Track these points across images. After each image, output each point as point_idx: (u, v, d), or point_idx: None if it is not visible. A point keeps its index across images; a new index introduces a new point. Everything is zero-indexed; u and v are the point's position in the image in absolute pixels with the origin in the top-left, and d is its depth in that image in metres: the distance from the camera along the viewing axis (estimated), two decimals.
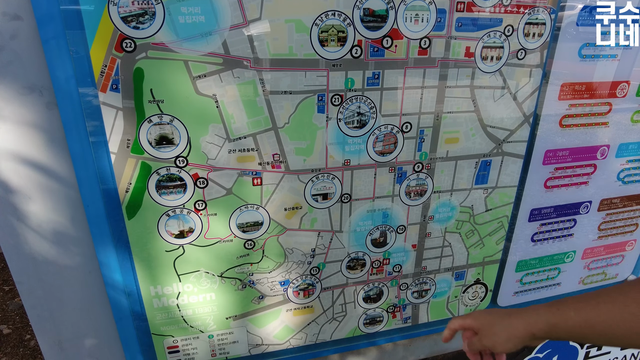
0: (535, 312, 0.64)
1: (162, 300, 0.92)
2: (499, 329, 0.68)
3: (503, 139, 1.00)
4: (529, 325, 0.64)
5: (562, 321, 0.60)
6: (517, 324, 0.65)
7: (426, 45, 0.85)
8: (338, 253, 1.00)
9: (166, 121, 0.77)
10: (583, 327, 0.58)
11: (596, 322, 0.56)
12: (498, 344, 0.68)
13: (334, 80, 0.82)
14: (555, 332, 0.62)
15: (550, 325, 0.62)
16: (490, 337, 0.69)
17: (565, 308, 0.60)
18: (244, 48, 0.76)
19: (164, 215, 0.84)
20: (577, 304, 0.59)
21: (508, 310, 0.70)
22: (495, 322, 0.69)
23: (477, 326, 0.72)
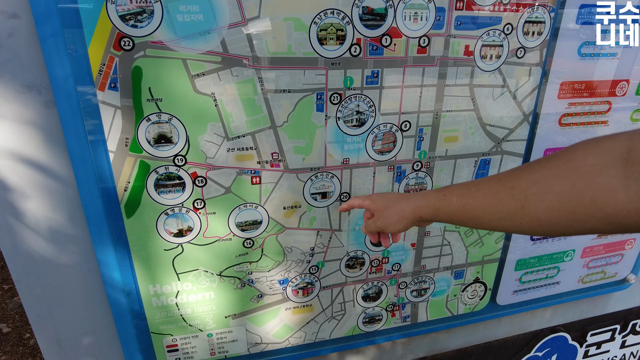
0: (424, 197, 0.70)
1: (161, 299, 0.92)
2: (392, 212, 0.74)
3: (502, 138, 1.00)
4: (417, 209, 0.70)
5: (446, 206, 0.65)
6: (407, 207, 0.71)
7: (425, 43, 0.85)
8: (337, 252, 1.00)
9: (165, 120, 0.77)
10: (462, 211, 0.62)
11: (472, 207, 0.60)
12: (390, 225, 0.75)
13: (333, 78, 0.82)
14: (438, 216, 0.67)
15: (435, 209, 0.67)
16: (383, 219, 0.76)
17: (450, 194, 0.64)
18: (242, 46, 0.75)
19: (163, 214, 0.84)
20: (460, 190, 0.63)
21: (401, 195, 0.76)
22: (389, 205, 0.75)
23: (373, 208, 0.79)
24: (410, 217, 0.71)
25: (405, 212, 0.72)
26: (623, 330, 1.61)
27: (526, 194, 0.52)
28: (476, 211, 0.60)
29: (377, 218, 0.77)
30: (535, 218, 0.52)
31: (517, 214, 0.54)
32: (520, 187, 0.54)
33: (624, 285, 1.41)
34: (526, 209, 0.53)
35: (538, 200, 0.51)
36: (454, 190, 0.64)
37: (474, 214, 0.60)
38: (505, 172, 0.59)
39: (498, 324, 1.36)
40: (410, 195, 0.73)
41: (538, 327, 1.45)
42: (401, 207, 0.72)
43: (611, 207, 0.45)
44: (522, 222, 0.54)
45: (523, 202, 0.53)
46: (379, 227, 0.77)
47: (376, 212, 0.78)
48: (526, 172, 0.54)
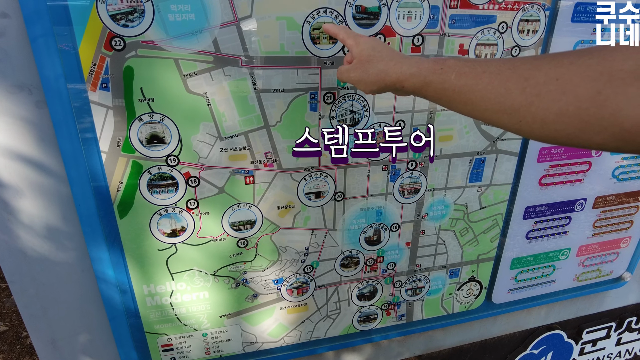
0: (417, 64, 0.58)
1: (155, 299, 0.92)
2: (373, 68, 0.63)
3: (497, 137, 1.00)
4: (403, 77, 0.59)
5: (440, 82, 0.55)
6: (393, 71, 0.60)
7: (419, 42, 0.84)
8: (332, 251, 1.00)
9: (157, 120, 0.76)
10: (456, 92, 0.53)
11: (471, 90, 0.52)
12: (362, 83, 0.65)
13: (326, 78, 0.82)
14: (425, 91, 0.58)
15: (425, 82, 0.57)
16: (360, 72, 0.65)
17: (449, 69, 0.54)
18: (234, 46, 0.75)
19: (156, 214, 0.84)
20: (463, 67, 0.53)
21: (391, 52, 0.64)
22: (373, 59, 0.64)
23: (355, 53, 0.66)
24: (390, 82, 0.61)
25: (388, 75, 0.61)
26: (619, 327, 1.62)
27: (540, 90, 0.45)
28: (474, 96, 0.51)
29: (354, 67, 0.66)
30: (540, 119, 0.45)
31: (520, 110, 0.47)
32: (536, 80, 0.46)
33: (620, 283, 1.42)
34: (534, 107, 0.46)
35: (552, 100, 0.44)
36: (454, 66, 0.54)
37: (469, 97, 0.52)
38: (521, 58, 0.50)
39: (494, 322, 1.36)
40: (401, 57, 0.62)
41: (534, 325, 1.45)
42: (385, 67, 0.61)
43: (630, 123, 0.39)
44: (521, 120, 0.48)
45: (533, 98, 0.46)
46: (351, 79, 0.67)
47: (356, 60, 0.66)
48: (549, 64, 0.45)
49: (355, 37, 0.68)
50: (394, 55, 0.63)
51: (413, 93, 0.60)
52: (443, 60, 0.57)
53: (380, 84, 0.62)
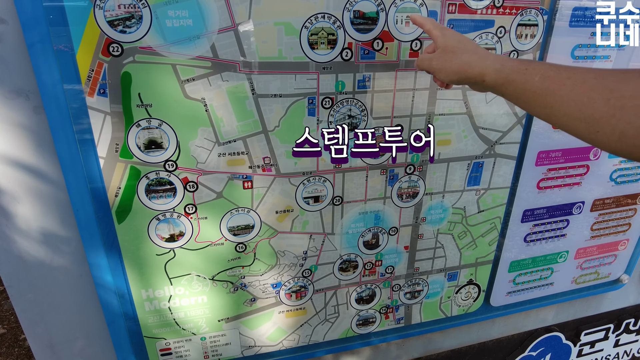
0: (501, 61, 0.60)
1: (153, 303, 0.92)
2: (456, 59, 0.64)
3: (495, 141, 1.00)
4: (487, 71, 0.60)
5: (522, 82, 0.56)
6: (476, 64, 0.62)
7: (417, 47, 0.84)
8: (330, 255, 1.00)
9: (155, 125, 0.76)
10: (537, 94, 0.54)
11: (552, 94, 0.52)
12: (443, 72, 0.66)
13: (325, 83, 0.82)
14: (505, 89, 0.58)
15: (507, 80, 0.58)
16: (442, 61, 0.66)
17: (534, 71, 0.55)
18: (232, 51, 0.75)
19: (154, 219, 0.84)
20: (547, 71, 0.54)
21: (476, 46, 0.66)
22: (458, 50, 0.65)
23: (440, 44, 0.68)
24: (472, 75, 0.62)
25: (471, 67, 0.62)
26: (617, 329, 1.62)
27: (625, 103, 0.44)
28: (554, 100, 0.52)
29: (437, 57, 0.67)
30: (619, 132, 0.45)
31: (600, 121, 0.47)
32: (622, 93, 0.45)
33: (618, 285, 1.42)
34: (615, 120, 0.45)
35: (636, 114, 0.43)
36: (539, 68, 0.55)
37: (549, 101, 0.52)
38: (609, 69, 0.49)
39: (492, 324, 1.36)
40: (485, 52, 0.64)
41: (532, 327, 1.45)
42: (469, 59, 0.63)
43: None
44: (599, 131, 0.47)
45: (616, 111, 0.45)
46: (433, 67, 0.68)
47: (440, 50, 0.67)
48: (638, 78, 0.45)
49: (441, 28, 0.69)
50: (479, 50, 0.64)
51: (492, 89, 0.61)
52: (529, 61, 0.58)
53: (462, 74, 0.64)
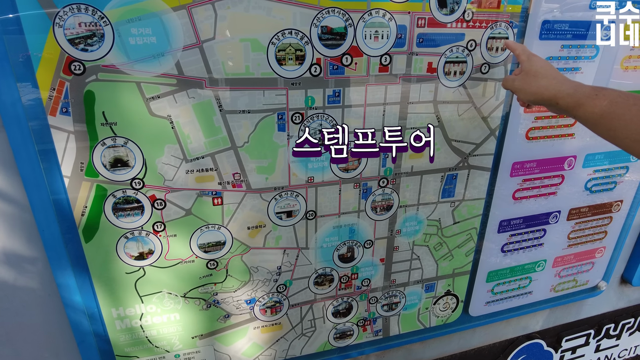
0: (575, 87, 0.67)
1: (124, 322, 0.91)
2: (535, 82, 0.73)
3: (469, 153, 1.00)
4: (560, 94, 0.68)
5: (592, 106, 0.62)
6: (552, 88, 0.69)
7: (387, 62, 0.84)
8: (305, 270, 0.99)
9: (120, 143, 0.75)
10: (604, 118, 0.60)
11: (618, 118, 0.58)
12: (523, 92, 0.75)
13: (294, 98, 0.81)
14: (576, 111, 0.65)
15: (578, 104, 0.64)
16: (523, 83, 0.75)
17: (603, 97, 0.61)
18: (198, 68, 0.74)
19: (123, 237, 0.82)
20: (616, 97, 0.60)
21: (556, 73, 0.73)
22: (539, 75, 0.73)
23: (525, 68, 0.77)
24: (547, 97, 0.70)
25: (548, 90, 0.70)
26: (597, 334, 1.63)
27: None
28: (619, 124, 0.58)
29: (519, 78, 0.77)
30: None
31: None
32: None
33: (596, 292, 1.43)
34: None
35: None
36: (609, 94, 0.61)
37: (614, 124, 0.58)
38: None
39: (473, 333, 1.36)
40: (564, 78, 0.71)
41: (513, 335, 1.46)
42: (547, 83, 0.71)
43: None
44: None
45: None
46: (515, 87, 0.78)
47: (524, 73, 0.76)
48: None
49: (529, 54, 0.78)
50: (558, 76, 0.72)
51: (565, 111, 0.69)
52: (601, 88, 0.64)
53: (538, 96, 0.72)
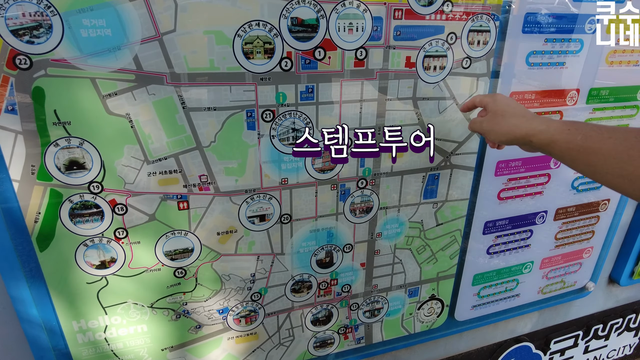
0: (546, 123, 0.64)
1: (87, 335, 0.85)
2: (505, 122, 0.70)
3: (451, 152, 0.95)
4: (532, 132, 0.64)
5: (565, 142, 0.59)
6: (523, 127, 0.66)
7: (362, 56, 0.79)
8: (281, 276, 0.94)
9: (75, 144, 0.69)
10: (580, 153, 0.57)
11: (594, 153, 0.55)
12: (493, 133, 0.72)
13: (264, 94, 0.76)
14: (551, 148, 0.62)
15: (552, 140, 0.61)
16: (492, 124, 0.72)
17: (576, 131, 0.59)
18: (158, 63, 0.69)
19: (82, 245, 0.77)
20: (590, 132, 0.57)
21: (524, 110, 0.70)
22: (507, 114, 0.70)
23: (491, 109, 0.74)
24: (520, 136, 0.67)
25: (519, 129, 0.67)
26: (586, 335, 1.61)
27: None
28: (596, 158, 0.55)
29: (487, 120, 0.74)
30: None
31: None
32: None
33: (584, 293, 1.40)
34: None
35: None
36: (582, 129, 0.59)
37: (592, 160, 0.56)
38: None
39: (460, 338, 1.32)
40: (532, 115, 0.68)
41: (501, 338, 1.42)
42: (517, 121, 0.68)
43: None
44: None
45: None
46: (483, 129, 0.75)
47: (490, 113, 0.74)
48: None
49: (492, 95, 0.77)
50: (526, 113, 0.69)
51: (539, 149, 0.65)
52: (572, 122, 0.61)
53: (510, 135, 0.69)
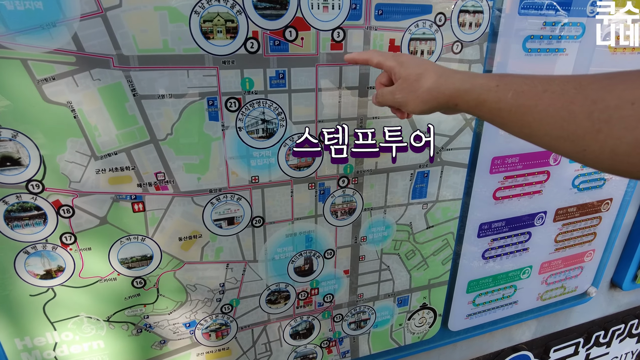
0: (470, 80, 0.53)
1: (33, 354, 0.75)
2: (422, 87, 0.57)
3: (442, 147, 0.87)
4: (457, 94, 0.54)
5: (495, 101, 0.50)
6: (444, 89, 0.55)
7: (340, 37, 0.71)
8: (254, 286, 0.85)
9: (7, 137, 0.60)
10: (513, 113, 0.48)
11: (529, 111, 0.46)
12: (411, 103, 0.59)
13: (227, 80, 0.67)
14: (479, 110, 0.53)
15: (479, 101, 0.52)
16: (407, 92, 0.59)
17: (506, 87, 0.49)
18: (102, 43, 0.60)
19: (22, 252, 0.67)
20: (522, 85, 0.47)
21: (439, 68, 0.58)
22: (421, 79, 0.57)
23: (399, 74, 0.60)
24: (443, 101, 0.56)
25: (440, 93, 0.56)
26: (587, 343, 1.53)
27: (611, 115, 0.39)
28: (532, 118, 0.46)
29: (399, 89, 0.60)
30: (610, 149, 0.39)
31: (585, 138, 0.41)
32: (607, 103, 0.39)
33: (585, 298, 1.31)
34: (602, 135, 0.40)
35: (625, 127, 0.38)
36: (512, 83, 0.49)
37: (527, 120, 0.47)
38: (590, 76, 0.43)
39: (454, 349, 1.23)
40: (450, 72, 0.57)
41: (498, 348, 1.34)
42: (435, 84, 0.56)
43: None
44: (586, 149, 0.41)
45: (602, 124, 0.39)
46: (397, 100, 0.61)
47: (401, 81, 0.60)
48: (623, 84, 0.39)
49: (394, 57, 0.62)
50: (444, 71, 0.57)
51: (467, 112, 0.56)
52: (500, 76, 0.51)
53: (432, 102, 0.57)
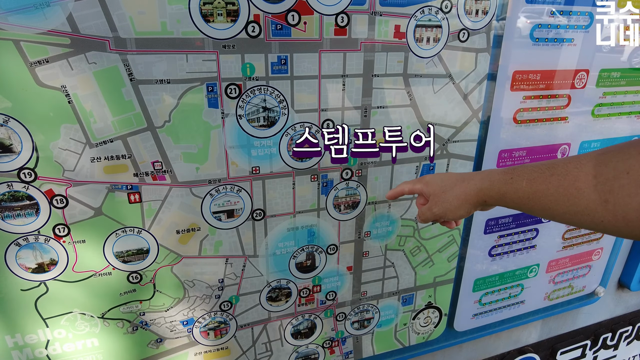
0: (488, 178, 0.61)
1: (25, 352, 0.72)
2: (451, 195, 0.65)
3: (448, 138, 0.85)
4: (482, 192, 0.61)
5: (513, 191, 0.57)
6: (470, 190, 0.63)
7: (344, 22, 0.69)
8: (255, 282, 0.82)
9: None
10: (531, 199, 0.54)
11: (544, 195, 0.52)
12: (450, 212, 0.66)
13: (227, 65, 0.65)
14: (504, 201, 0.59)
15: (501, 194, 0.59)
16: (441, 204, 0.67)
17: (519, 178, 0.56)
18: (99, 24, 0.57)
19: (13, 244, 0.65)
20: (532, 173, 0.54)
21: (459, 175, 0.67)
22: (447, 188, 0.66)
23: (427, 192, 0.70)
24: (473, 201, 0.63)
25: (468, 195, 0.63)
26: (594, 345, 1.49)
27: (612, 185, 0.44)
28: (548, 200, 0.51)
29: (433, 204, 0.68)
30: (622, 217, 0.43)
31: (597, 210, 0.45)
32: (605, 176, 0.44)
33: (593, 299, 1.28)
34: (610, 205, 0.44)
35: (628, 195, 0.42)
36: (524, 173, 0.55)
37: (545, 203, 0.52)
38: (587, 154, 0.48)
39: (459, 350, 1.20)
40: (470, 175, 0.65)
41: (504, 350, 1.30)
42: (462, 189, 0.64)
43: None
44: (604, 220, 0.45)
45: (607, 195, 0.44)
46: (436, 214, 0.68)
47: (432, 197, 0.69)
48: (616, 157, 0.44)
49: (419, 180, 0.72)
50: (464, 177, 0.65)
51: (497, 205, 0.62)
52: (512, 169, 0.58)
53: (465, 205, 0.64)
